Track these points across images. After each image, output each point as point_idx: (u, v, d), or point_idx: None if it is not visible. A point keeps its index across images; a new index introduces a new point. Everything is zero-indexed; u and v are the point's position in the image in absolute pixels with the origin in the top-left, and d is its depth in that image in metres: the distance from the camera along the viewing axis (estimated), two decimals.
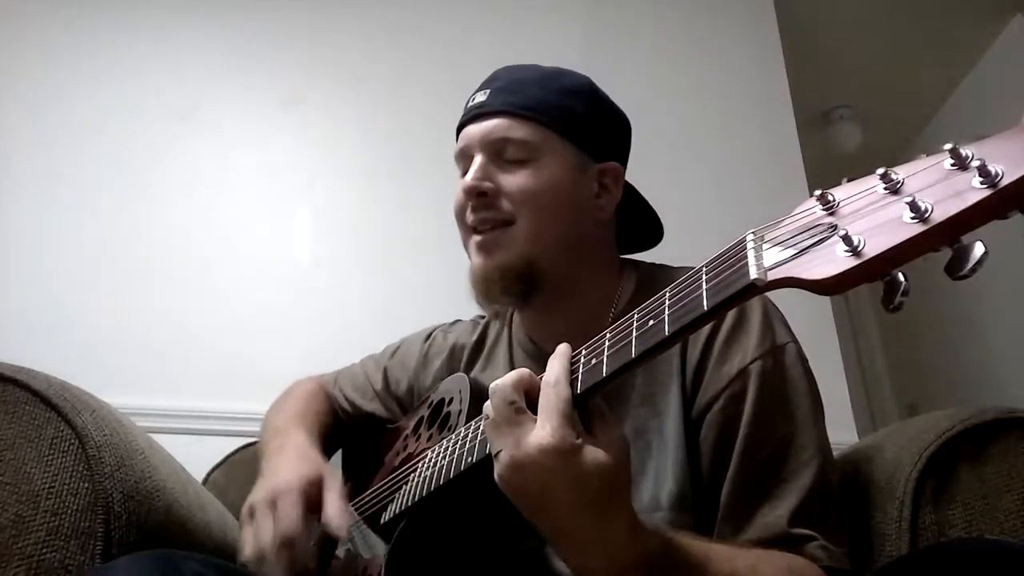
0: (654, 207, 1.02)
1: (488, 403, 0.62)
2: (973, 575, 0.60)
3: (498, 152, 0.91)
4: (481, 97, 0.95)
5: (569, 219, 0.91)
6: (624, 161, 1.00)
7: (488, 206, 0.90)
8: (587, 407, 0.60)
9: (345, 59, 2.34)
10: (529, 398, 0.61)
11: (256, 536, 0.80)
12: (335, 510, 0.82)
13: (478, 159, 0.91)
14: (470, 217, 0.91)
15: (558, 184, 0.90)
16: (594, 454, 0.57)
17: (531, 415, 0.59)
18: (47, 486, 0.76)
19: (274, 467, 0.89)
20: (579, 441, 0.57)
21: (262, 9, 2.36)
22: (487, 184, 0.90)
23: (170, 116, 2.19)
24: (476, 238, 0.91)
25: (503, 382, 0.62)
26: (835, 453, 0.87)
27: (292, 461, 0.89)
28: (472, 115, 0.94)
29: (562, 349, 0.63)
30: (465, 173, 0.93)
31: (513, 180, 0.90)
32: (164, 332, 1.95)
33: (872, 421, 3.56)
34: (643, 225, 1.02)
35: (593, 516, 0.58)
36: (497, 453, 0.60)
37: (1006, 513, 0.77)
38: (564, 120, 0.93)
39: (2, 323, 1.86)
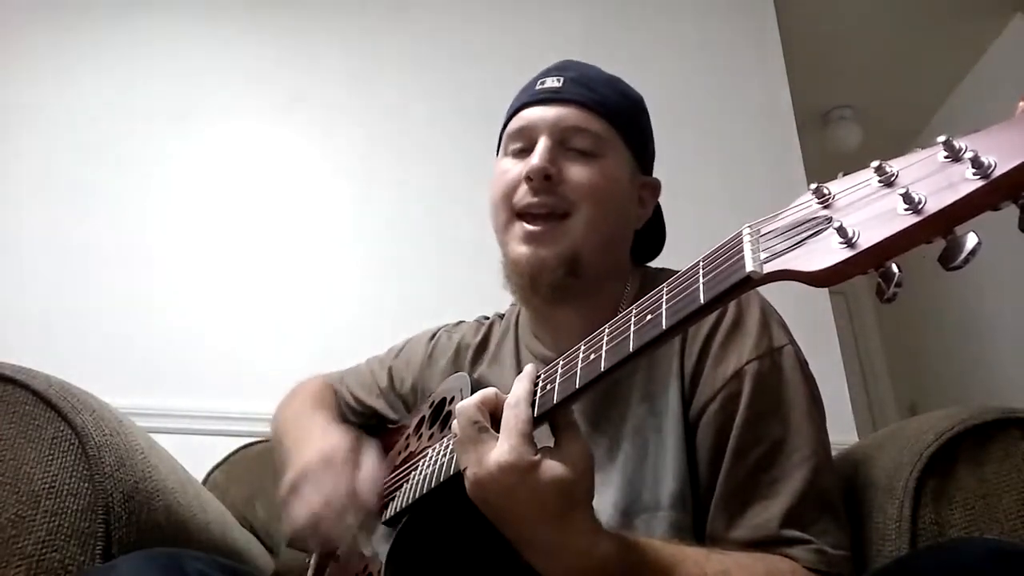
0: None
1: (454, 422, 0.65)
2: (973, 575, 0.60)
3: (564, 140, 0.89)
4: (554, 83, 0.92)
5: (617, 220, 0.91)
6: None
7: (550, 191, 0.87)
8: (556, 420, 0.63)
9: (345, 58, 2.34)
10: (495, 417, 0.64)
11: (308, 500, 0.80)
12: (369, 473, 0.83)
13: (543, 142, 0.88)
14: (523, 199, 0.88)
15: (617, 183, 0.90)
16: (552, 470, 0.60)
17: (493, 433, 0.63)
18: (47, 486, 0.76)
19: (306, 445, 0.89)
20: (536, 458, 0.61)
21: (263, 8, 2.36)
22: (554, 168, 0.87)
23: (170, 116, 2.20)
24: (528, 228, 0.88)
25: (467, 403, 0.65)
26: (835, 453, 0.86)
27: (324, 435, 0.90)
28: (541, 98, 0.92)
29: (528, 370, 0.66)
30: (517, 153, 0.91)
31: (578, 171, 0.88)
32: (164, 332, 1.96)
33: (872, 421, 3.56)
34: (650, 240, 1.02)
35: (552, 526, 0.62)
36: (464, 469, 0.64)
37: (1006, 513, 0.76)
38: (628, 125, 0.93)
39: (2, 323, 1.86)
